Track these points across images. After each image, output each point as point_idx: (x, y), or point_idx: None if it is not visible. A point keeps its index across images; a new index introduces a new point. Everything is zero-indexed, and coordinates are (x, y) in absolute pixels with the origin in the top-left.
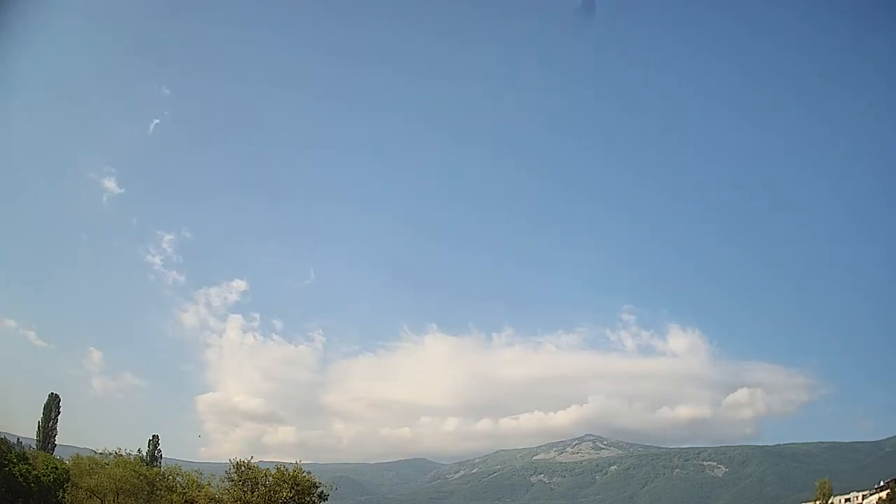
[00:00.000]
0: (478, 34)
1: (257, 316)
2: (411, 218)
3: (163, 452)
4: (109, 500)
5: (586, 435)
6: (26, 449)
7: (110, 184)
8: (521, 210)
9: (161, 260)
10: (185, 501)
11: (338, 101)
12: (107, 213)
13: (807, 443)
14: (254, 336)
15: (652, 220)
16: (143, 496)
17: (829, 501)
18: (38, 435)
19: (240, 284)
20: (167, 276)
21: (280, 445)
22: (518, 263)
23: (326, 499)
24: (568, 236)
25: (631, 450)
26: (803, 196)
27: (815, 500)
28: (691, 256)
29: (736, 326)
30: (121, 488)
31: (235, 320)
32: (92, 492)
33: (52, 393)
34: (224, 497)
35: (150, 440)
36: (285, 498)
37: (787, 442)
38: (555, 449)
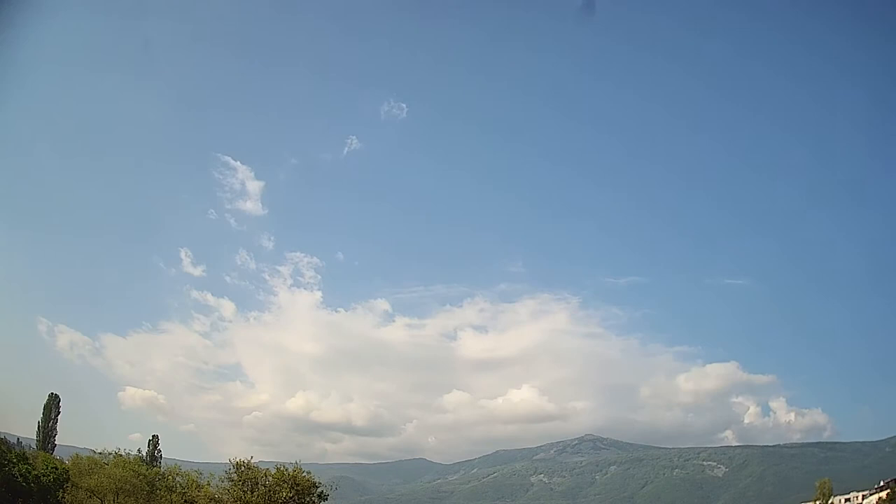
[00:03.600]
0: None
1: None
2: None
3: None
4: (109, 500)
5: (586, 435)
6: (26, 449)
7: (250, 204)
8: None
9: (289, 282)
10: (185, 501)
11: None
12: (235, 233)
13: (807, 443)
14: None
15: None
16: (143, 496)
17: (829, 501)
18: (38, 435)
19: (382, 304)
20: (291, 297)
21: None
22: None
23: (326, 499)
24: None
25: (631, 450)
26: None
27: (815, 500)
28: None
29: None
30: (120, 488)
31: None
32: (92, 492)
33: (52, 393)
34: (224, 497)
35: (150, 440)
36: (285, 498)
37: (787, 442)
38: (555, 449)
